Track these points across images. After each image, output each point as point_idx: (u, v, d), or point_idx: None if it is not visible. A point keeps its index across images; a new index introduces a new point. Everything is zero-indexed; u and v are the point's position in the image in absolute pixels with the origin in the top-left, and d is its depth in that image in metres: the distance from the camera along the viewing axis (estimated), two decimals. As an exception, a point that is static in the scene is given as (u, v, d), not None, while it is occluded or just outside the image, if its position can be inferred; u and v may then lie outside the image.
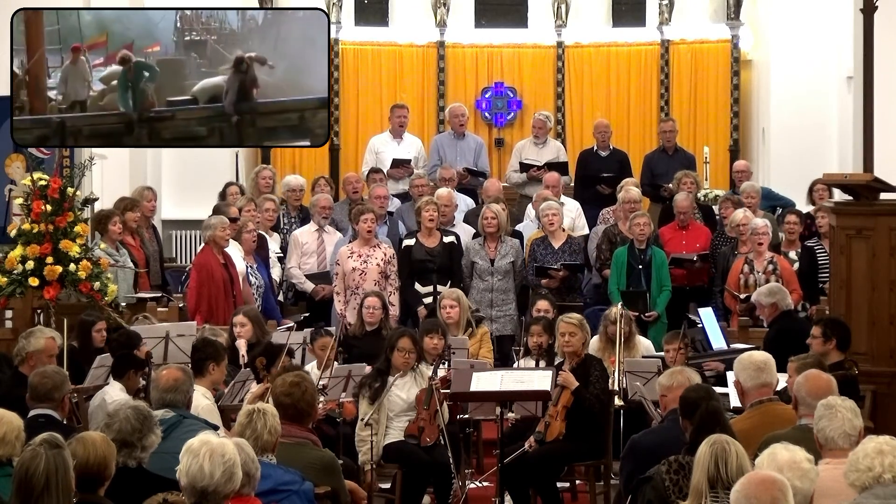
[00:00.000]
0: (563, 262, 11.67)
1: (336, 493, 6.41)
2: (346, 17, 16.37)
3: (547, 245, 11.85)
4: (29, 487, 4.71)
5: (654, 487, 5.76)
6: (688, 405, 6.27)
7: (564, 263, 11.66)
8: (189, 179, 15.29)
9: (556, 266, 11.63)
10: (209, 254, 10.91)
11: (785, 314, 9.89)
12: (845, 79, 14.61)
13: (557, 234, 11.88)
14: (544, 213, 11.88)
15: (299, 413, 6.43)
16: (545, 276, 11.63)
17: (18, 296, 10.01)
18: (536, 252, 11.83)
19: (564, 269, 11.64)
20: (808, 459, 4.94)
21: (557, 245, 11.84)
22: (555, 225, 11.83)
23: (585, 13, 16.54)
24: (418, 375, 8.95)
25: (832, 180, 10.92)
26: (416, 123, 15.58)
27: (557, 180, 13.14)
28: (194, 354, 8.03)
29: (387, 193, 12.64)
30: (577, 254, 11.87)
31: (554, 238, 11.86)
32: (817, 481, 4.96)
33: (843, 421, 5.58)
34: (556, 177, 13.21)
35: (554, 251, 11.81)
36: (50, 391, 6.77)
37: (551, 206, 11.92)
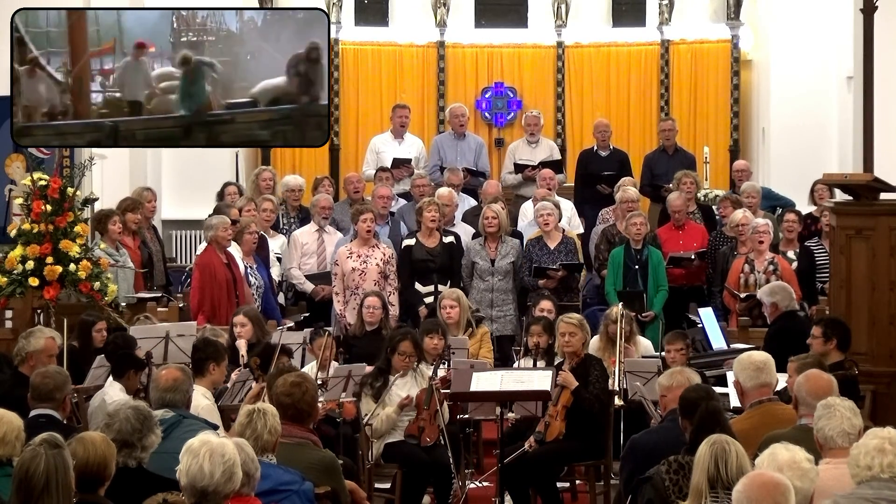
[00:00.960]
0: (560, 262, 11.67)
1: (336, 494, 6.41)
2: (346, 17, 16.38)
3: (542, 245, 11.84)
4: (29, 487, 4.71)
5: (653, 487, 5.76)
6: (687, 405, 6.28)
7: (563, 263, 11.65)
8: (189, 179, 15.29)
9: (555, 266, 11.63)
10: (212, 253, 10.90)
11: (786, 314, 9.89)
12: (845, 79, 14.61)
13: (553, 234, 11.87)
14: (539, 213, 11.87)
15: (300, 413, 6.43)
16: (543, 277, 11.62)
17: (18, 296, 10.01)
18: (532, 252, 11.81)
19: (563, 269, 11.63)
20: (808, 459, 4.93)
21: (553, 245, 11.83)
22: (550, 225, 11.82)
23: (585, 13, 16.54)
24: (418, 375, 8.96)
25: (832, 180, 10.91)
26: (417, 123, 15.58)
27: (552, 175, 13.16)
28: (194, 354, 8.04)
29: (390, 193, 12.63)
30: (573, 254, 11.87)
31: (549, 238, 11.85)
32: (817, 481, 4.96)
33: (842, 420, 5.58)
34: (550, 172, 13.23)
35: (550, 251, 11.79)
36: (52, 391, 6.77)
37: (546, 207, 11.91)
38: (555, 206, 12.07)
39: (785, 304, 9.89)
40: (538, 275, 11.63)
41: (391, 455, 8.81)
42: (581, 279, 11.94)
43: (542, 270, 11.63)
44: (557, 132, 16.13)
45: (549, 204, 12.03)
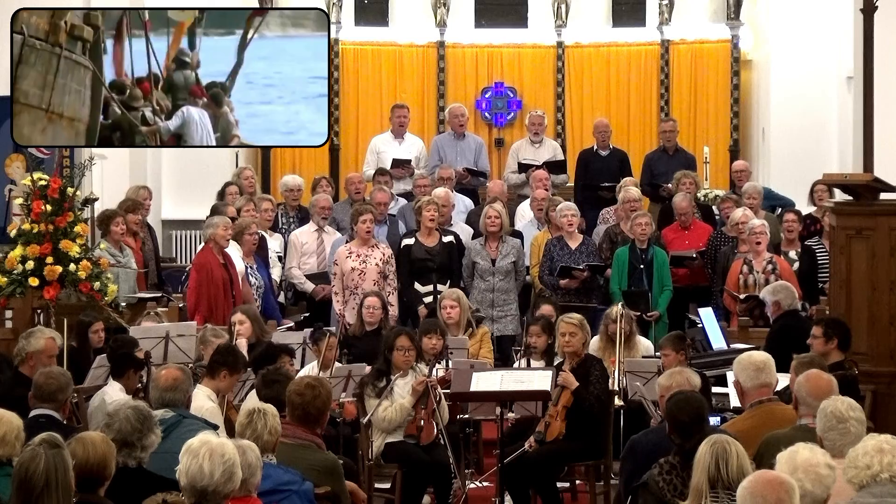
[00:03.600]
0: (584, 262, 11.65)
1: (337, 496, 6.40)
2: (346, 17, 16.38)
3: (564, 245, 11.81)
4: (29, 487, 4.71)
5: (649, 492, 5.82)
6: (667, 413, 6.25)
7: (589, 264, 11.64)
8: (189, 179, 15.29)
9: (580, 266, 11.61)
10: (209, 254, 10.90)
11: (788, 313, 9.89)
12: (845, 79, 14.61)
13: (574, 234, 11.87)
14: (563, 213, 11.84)
15: (307, 416, 6.39)
16: (568, 276, 11.60)
17: (18, 296, 10.01)
18: (553, 252, 11.77)
19: (588, 269, 11.62)
20: (828, 465, 4.87)
21: (574, 246, 11.81)
22: (573, 225, 11.82)
23: (585, 13, 16.54)
24: (418, 374, 8.95)
25: (832, 180, 10.91)
26: (417, 123, 15.57)
27: (546, 176, 13.17)
28: (214, 355, 8.04)
29: (388, 199, 12.60)
30: (593, 255, 11.86)
31: (571, 238, 11.84)
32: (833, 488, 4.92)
33: (856, 437, 5.50)
34: (543, 173, 13.24)
35: (571, 251, 11.77)
36: (54, 392, 6.78)
37: (569, 207, 11.93)
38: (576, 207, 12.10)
39: (787, 303, 9.90)
40: (563, 274, 11.60)
41: (391, 455, 8.80)
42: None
43: (567, 270, 11.59)
44: (557, 132, 16.12)
45: (573, 204, 12.05)
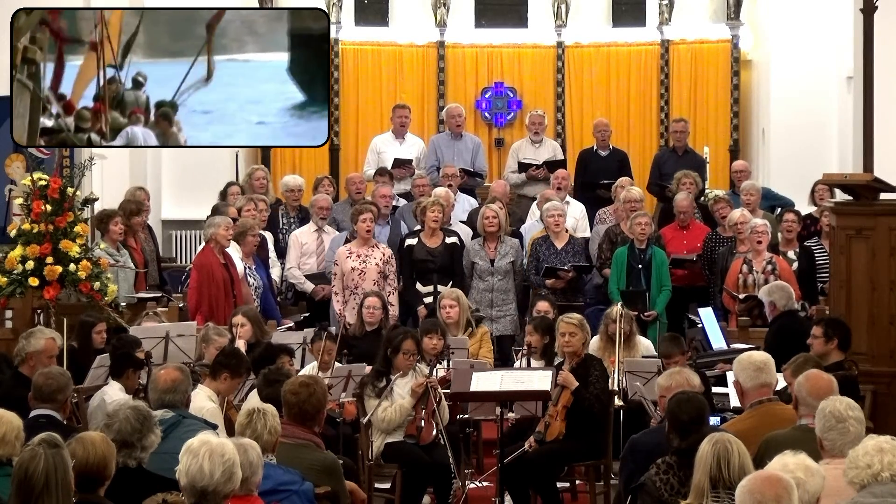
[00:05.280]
0: (569, 262, 11.66)
1: (337, 496, 6.40)
2: (346, 17, 16.38)
3: (549, 245, 11.84)
4: (28, 487, 4.71)
5: (647, 493, 5.83)
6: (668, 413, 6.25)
7: (574, 265, 11.65)
8: (189, 179, 15.29)
9: (565, 267, 11.62)
10: (210, 254, 10.90)
11: (786, 313, 9.88)
12: (845, 79, 14.60)
13: (561, 234, 11.87)
14: (549, 213, 11.86)
15: (303, 414, 6.41)
16: (553, 277, 11.61)
17: (18, 296, 10.01)
18: (539, 251, 11.81)
19: (573, 269, 11.63)
20: (807, 468, 4.87)
21: (560, 245, 11.82)
22: (560, 225, 11.83)
23: (585, 13, 16.55)
24: (418, 375, 8.95)
25: (832, 180, 10.91)
26: (417, 123, 15.58)
27: (566, 175, 13.17)
28: (217, 357, 8.05)
29: (391, 193, 12.63)
30: (580, 255, 11.87)
31: (557, 238, 11.85)
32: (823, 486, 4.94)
33: (855, 437, 5.52)
34: (565, 172, 13.24)
35: (557, 251, 11.79)
36: (54, 392, 6.78)
37: (556, 207, 11.92)
38: (564, 206, 12.08)
39: (783, 304, 9.88)
40: (548, 275, 11.62)
41: (391, 455, 8.80)
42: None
43: (552, 270, 11.61)
44: (557, 132, 16.13)
45: (559, 204, 12.05)
